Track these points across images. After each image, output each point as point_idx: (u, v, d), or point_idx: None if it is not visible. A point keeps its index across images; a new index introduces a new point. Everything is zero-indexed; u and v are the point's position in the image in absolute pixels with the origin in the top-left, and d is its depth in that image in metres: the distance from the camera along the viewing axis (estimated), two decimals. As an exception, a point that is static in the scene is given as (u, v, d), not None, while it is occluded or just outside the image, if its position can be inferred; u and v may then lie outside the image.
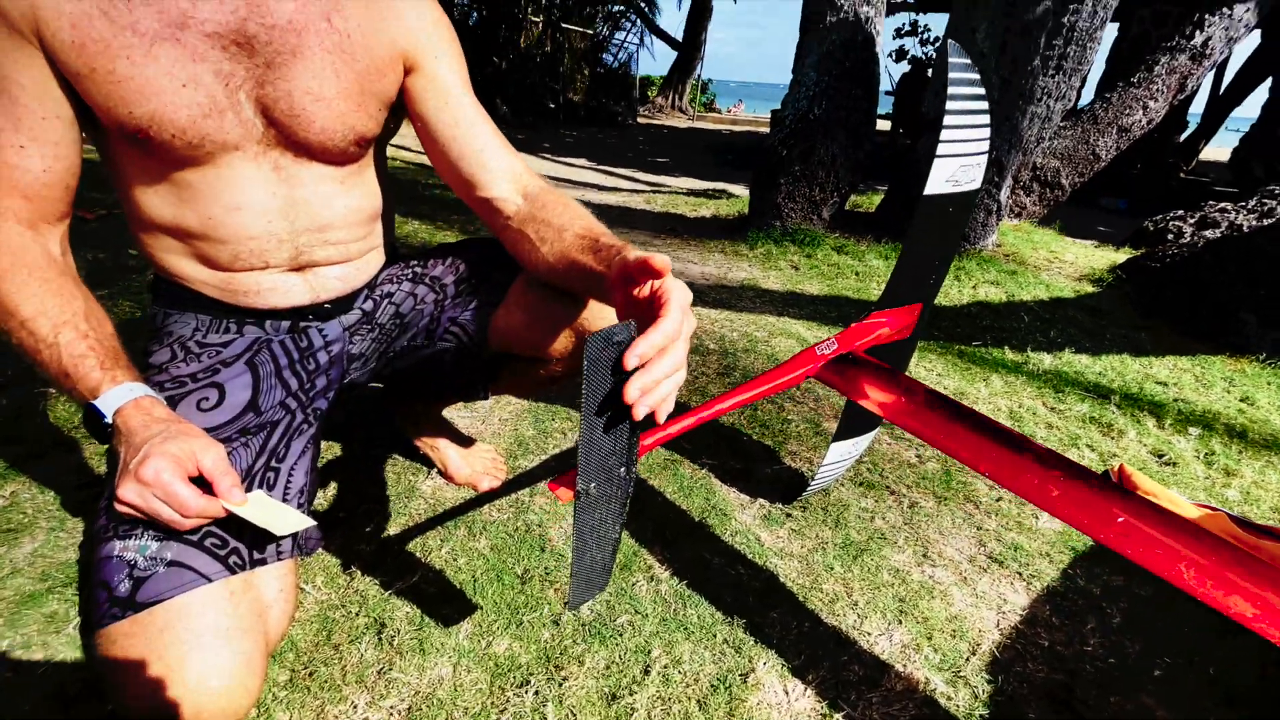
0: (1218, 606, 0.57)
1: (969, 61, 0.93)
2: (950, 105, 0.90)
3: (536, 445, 1.37)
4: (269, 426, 0.81)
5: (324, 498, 1.16)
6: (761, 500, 1.25)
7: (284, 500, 0.78)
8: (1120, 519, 0.64)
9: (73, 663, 0.82)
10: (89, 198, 3.16)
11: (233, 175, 0.73)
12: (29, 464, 1.16)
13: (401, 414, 1.23)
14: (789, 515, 1.21)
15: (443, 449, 1.22)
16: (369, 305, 0.95)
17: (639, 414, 0.53)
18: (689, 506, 1.21)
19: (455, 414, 1.44)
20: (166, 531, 0.66)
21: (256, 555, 0.72)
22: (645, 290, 0.59)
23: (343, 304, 0.91)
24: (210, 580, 0.66)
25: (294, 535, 0.76)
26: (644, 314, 0.58)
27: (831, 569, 1.09)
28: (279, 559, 0.74)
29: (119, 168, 0.74)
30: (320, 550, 0.99)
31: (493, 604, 0.95)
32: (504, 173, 0.83)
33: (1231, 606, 0.57)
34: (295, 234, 0.80)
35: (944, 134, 0.91)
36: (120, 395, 0.64)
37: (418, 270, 0.99)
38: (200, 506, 0.61)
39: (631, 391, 0.51)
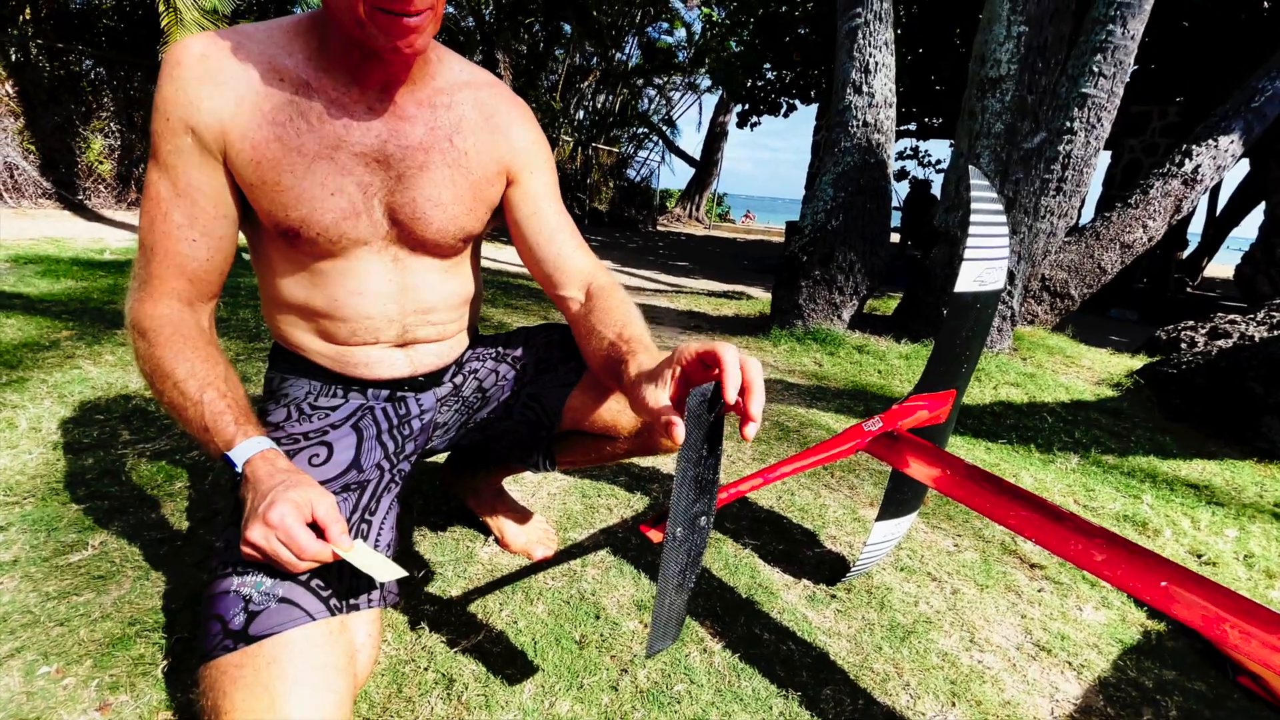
0: (1262, 663, 0.61)
1: (987, 181, 1.08)
2: (974, 217, 1.04)
3: (584, 519, 1.42)
4: (365, 484, 0.89)
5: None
6: (805, 581, 1.27)
7: (375, 552, 0.84)
8: (1163, 583, 0.69)
9: (159, 703, 0.85)
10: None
11: (359, 265, 0.86)
12: (115, 518, 1.23)
13: (463, 483, 1.30)
14: (833, 597, 1.24)
15: (500, 517, 1.28)
16: (458, 379, 1.06)
17: (752, 415, 0.60)
18: (736, 584, 1.24)
19: (506, 487, 1.51)
20: (277, 571, 0.72)
21: (351, 601, 0.78)
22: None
23: (435, 377, 1.02)
24: (314, 619, 0.72)
25: (381, 586, 0.82)
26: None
27: (880, 649, 1.10)
28: (369, 606, 0.80)
29: (265, 257, 0.88)
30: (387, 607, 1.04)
31: (553, 666, 0.97)
32: (575, 275, 0.95)
33: (1276, 664, 0.61)
34: (404, 314, 0.92)
35: (970, 240, 1.03)
36: (250, 448, 0.73)
37: (501, 350, 1.10)
38: (315, 550, 0.68)
39: (753, 408, 0.59)
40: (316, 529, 0.70)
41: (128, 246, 4.65)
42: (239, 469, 0.72)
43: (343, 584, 0.77)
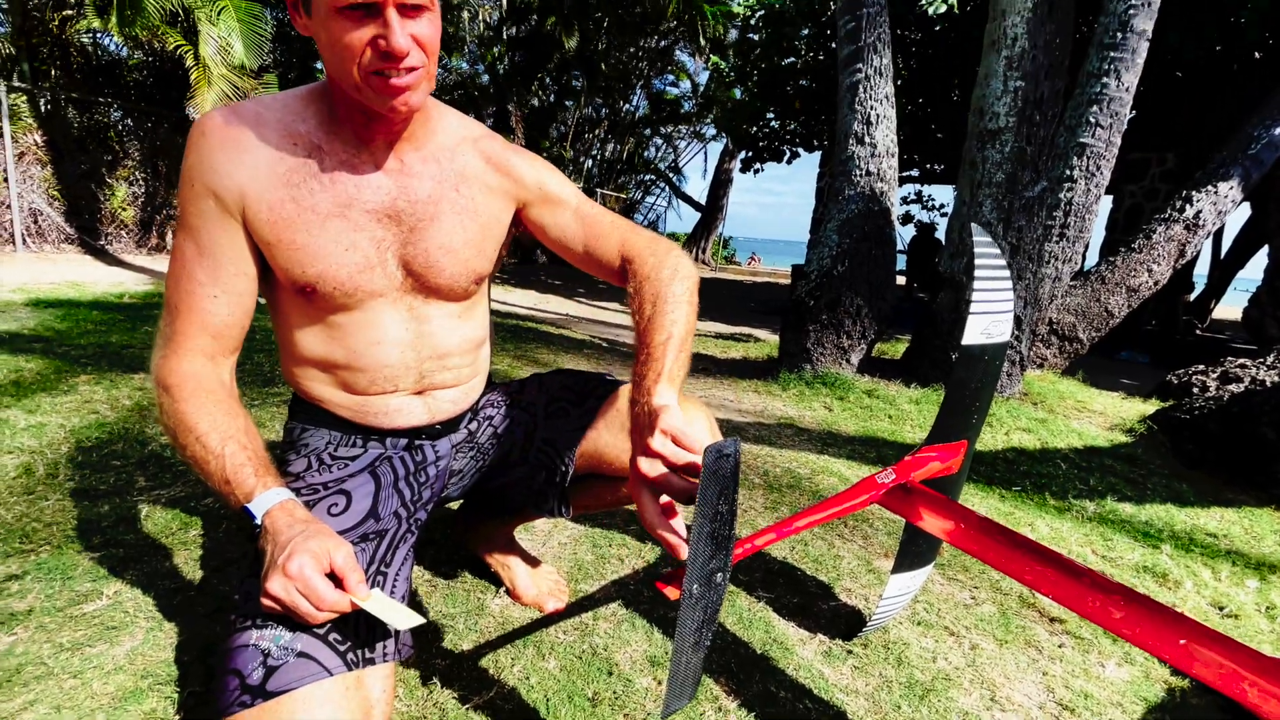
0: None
1: (990, 239, 1.11)
2: (979, 273, 1.06)
3: (595, 570, 1.41)
4: (383, 534, 0.89)
5: (397, 612, 1.20)
6: (821, 635, 1.25)
7: None
8: (1182, 641, 0.68)
9: (169, 762, 0.84)
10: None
11: (375, 317, 0.89)
12: (129, 566, 1.24)
13: (475, 531, 1.31)
14: (850, 652, 1.21)
15: (512, 567, 1.27)
16: (473, 426, 1.08)
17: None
18: (750, 638, 1.22)
19: (517, 536, 1.50)
20: (295, 625, 0.72)
21: (368, 654, 0.78)
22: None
23: (452, 424, 1.04)
24: (331, 674, 0.72)
25: (396, 637, 0.82)
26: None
27: (899, 708, 1.08)
28: (385, 660, 0.80)
29: (283, 314, 0.91)
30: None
31: (566, 725, 0.96)
32: (607, 259, 0.96)
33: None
34: (421, 361, 0.94)
35: (975, 295, 1.06)
36: (269, 499, 0.74)
37: (514, 396, 1.12)
38: (333, 600, 0.68)
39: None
40: (335, 579, 0.70)
41: (147, 290, 4.76)
42: (258, 520, 0.73)
43: (359, 638, 0.77)
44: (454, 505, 1.50)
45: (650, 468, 0.69)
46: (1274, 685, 0.62)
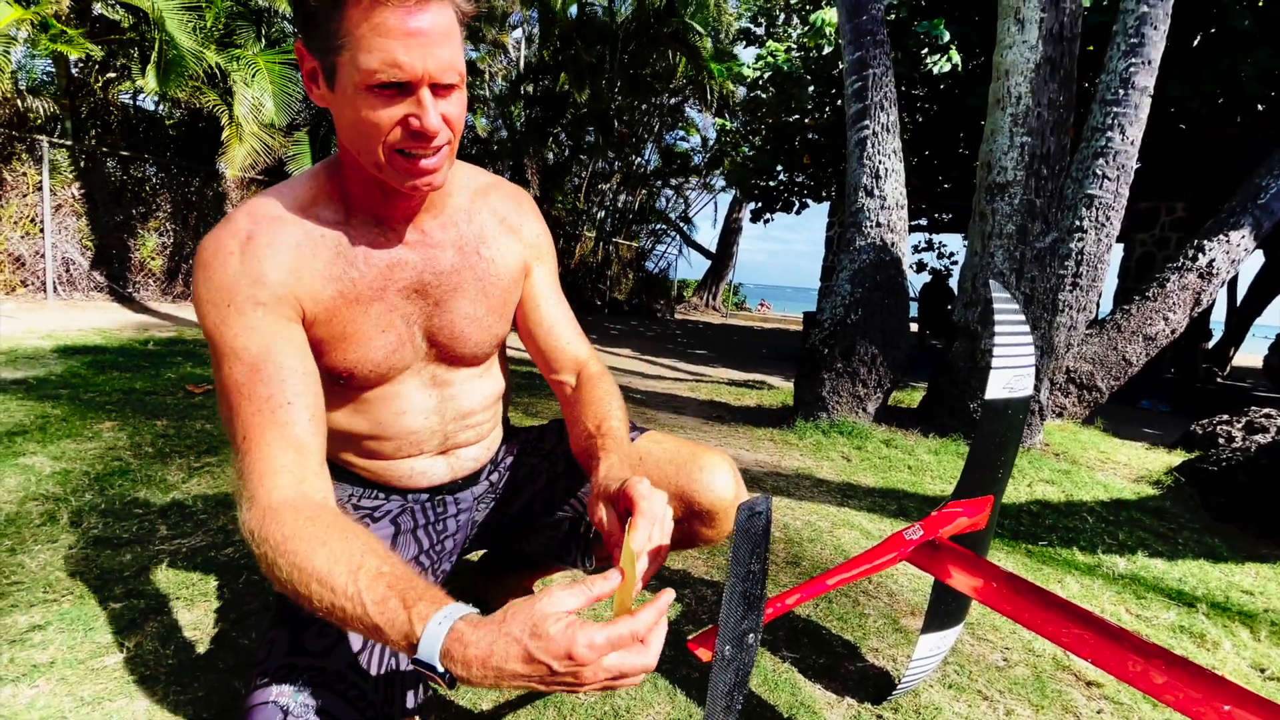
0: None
1: (1009, 295, 1.13)
2: (999, 328, 1.07)
3: (615, 626, 1.38)
4: None
5: (416, 669, 1.18)
6: (850, 699, 1.21)
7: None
8: (1227, 707, 0.66)
9: (186, 826, 0.82)
10: (196, 374, 3.55)
11: (401, 389, 0.89)
12: (150, 618, 1.24)
13: (496, 584, 1.29)
14: (880, 717, 1.17)
15: (532, 623, 1.25)
16: (494, 477, 1.08)
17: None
18: (776, 701, 1.18)
19: (536, 590, 1.48)
20: (315, 680, 0.72)
21: (385, 709, 0.76)
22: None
23: (473, 478, 1.04)
24: (349, 732, 0.71)
25: (416, 693, 0.80)
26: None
27: (933, 778, 1.03)
28: (404, 716, 0.79)
29: None
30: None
31: (589, 792, 0.93)
32: (569, 362, 0.98)
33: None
34: (445, 424, 0.95)
35: (996, 350, 1.07)
36: (435, 634, 0.55)
37: (534, 444, 1.12)
38: (644, 621, 0.59)
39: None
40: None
41: (170, 337, 4.86)
42: (440, 668, 0.55)
43: (378, 692, 0.76)
44: (474, 557, 1.49)
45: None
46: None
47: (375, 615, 0.57)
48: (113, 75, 7.07)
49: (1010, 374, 1.10)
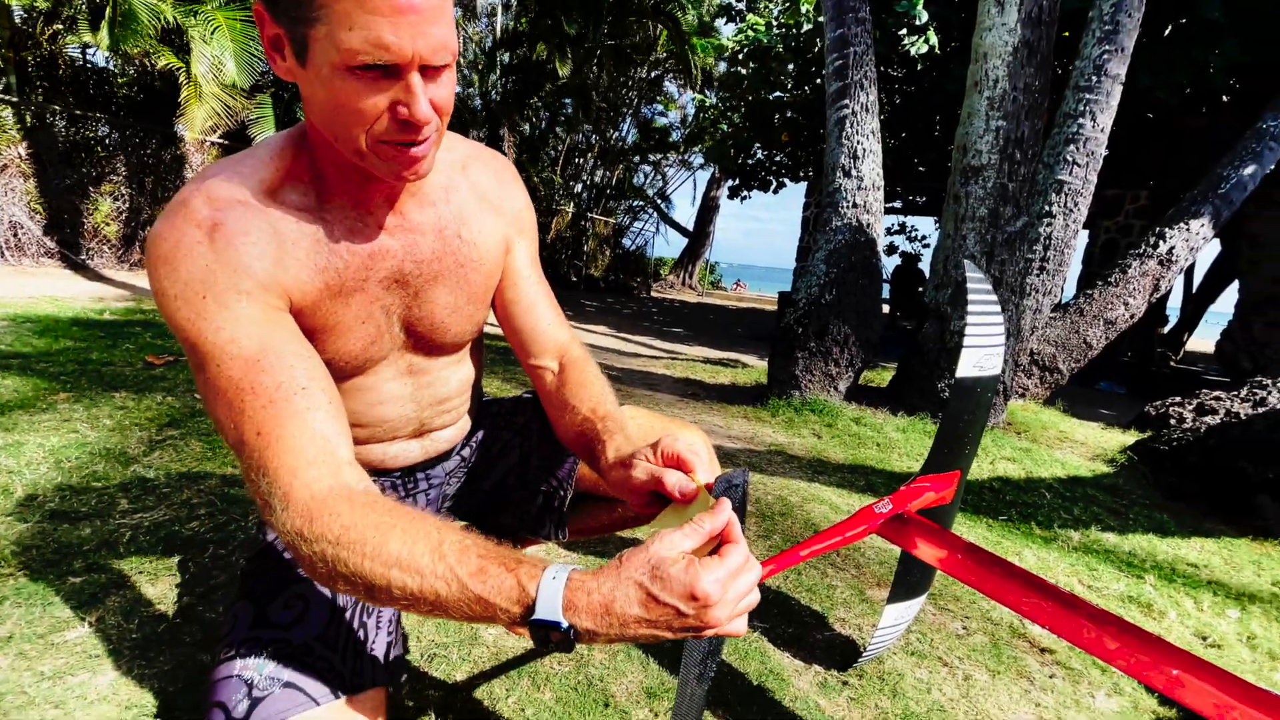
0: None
1: (983, 276, 1.14)
2: (971, 308, 1.09)
3: (589, 598, 1.40)
4: None
5: (389, 641, 1.18)
6: (817, 666, 1.25)
7: (377, 631, 0.81)
8: (1174, 671, 0.70)
9: (153, 798, 0.82)
10: (156, 345, 3.44)
11: (376, 379, 0.85)
12: (112, 592, 1.21)
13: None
14: (845, 683, 1.21)
15: (506, 596, 1.26)
16: (466, 452, 1.07)
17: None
18: (746, 669, 1.21)
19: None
20: (281, 653, 0.71)
21: (355, 680, 0.76)
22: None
23: (445, 455, 1.03)
24: (318, 703, 0.71)
25: (385, 663, 0.80)
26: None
27: (895, 740, 1.07)
28: (374, 685, 0.78)
29: None
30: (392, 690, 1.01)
31: (562, 758, 0.94)
32: (550, 345, 0.93)
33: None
34: (420, 410, 0.92)
35: (968, 330, 1.09)
36: (553, 591, 0.52)
37: (506, 418, 1.11)
38: (739, 560, 0.55)
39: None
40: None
41: (128, 307, 4.68)
42: (564, 623, 0.52)
43: (347, 663, 0.76)
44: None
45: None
46: (1260, 712, 0.64)
47: (476, 587, 0.53)
48: (60, 27, 6.67)
49: (981, 353, 1.12)
